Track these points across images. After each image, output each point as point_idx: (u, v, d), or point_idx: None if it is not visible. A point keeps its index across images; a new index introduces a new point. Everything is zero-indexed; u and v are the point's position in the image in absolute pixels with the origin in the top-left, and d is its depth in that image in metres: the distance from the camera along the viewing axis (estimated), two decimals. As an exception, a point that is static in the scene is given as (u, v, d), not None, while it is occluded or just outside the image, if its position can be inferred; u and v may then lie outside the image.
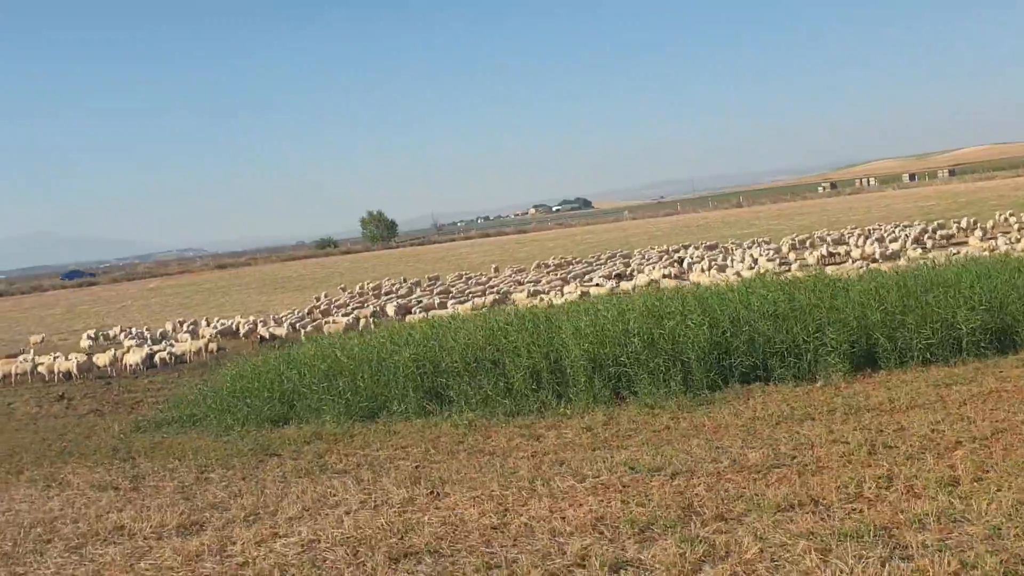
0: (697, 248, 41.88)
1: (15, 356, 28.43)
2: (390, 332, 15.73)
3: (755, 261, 29.36)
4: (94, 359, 24.85)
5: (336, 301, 37.30)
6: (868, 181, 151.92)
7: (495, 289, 32.55)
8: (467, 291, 34.51)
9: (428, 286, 40.52)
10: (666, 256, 40.19)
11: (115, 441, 14.02)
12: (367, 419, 13.02)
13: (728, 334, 12.69)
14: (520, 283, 35.22)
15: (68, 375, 24.41)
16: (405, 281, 45.24)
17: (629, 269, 34.81)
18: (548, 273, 39.52)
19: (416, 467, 9.54)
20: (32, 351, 28.22)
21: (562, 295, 25.99)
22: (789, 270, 24.67)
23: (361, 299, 38.66)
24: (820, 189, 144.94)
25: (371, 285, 43.84)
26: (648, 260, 39.41)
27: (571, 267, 41.54)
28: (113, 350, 25.20)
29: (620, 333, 12.87)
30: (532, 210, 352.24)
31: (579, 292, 26.48)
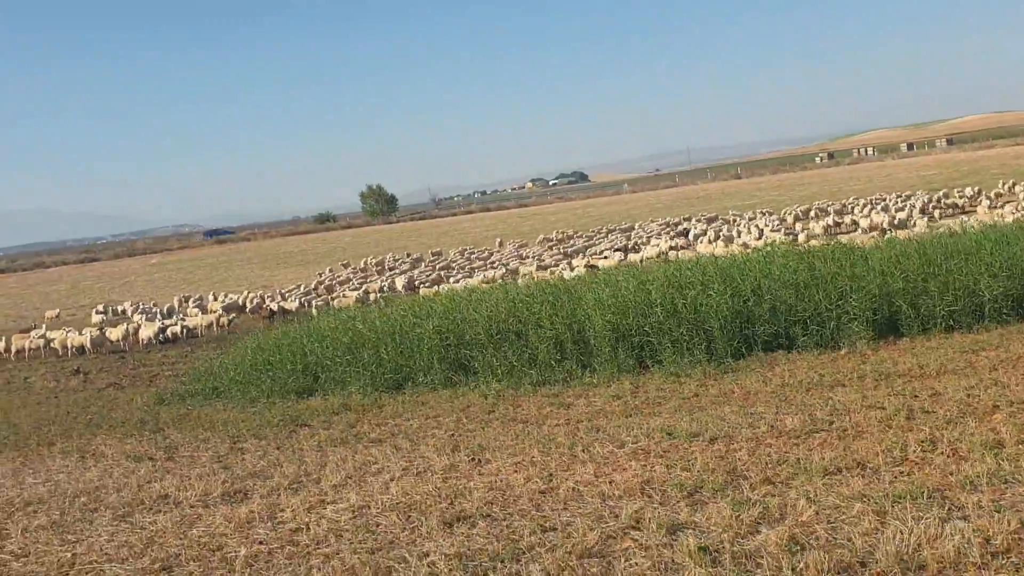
0: (699, 220, 41.91)
1: (27, 331, 28.50)
2: (411, 304, 15.81)
3: (760, 232, 29.40)
4: (106, 334, 24.94)
5: (339, 277, 37.34)
6: (867, 151, 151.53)
7: (499, 264, 32.64)
8: (468, 267, 34.61)
9: (431, 261, 40.55)
10: (668, 228, 40.22)
11: (140, 413, 14.14)
12: (392, 390, 13.14)
13: (750, 303, 12.78)
14: (523, 258, 35.26)
15: (81, 349, 24.51)
16: (409, 256, 45.31)
17: (631, 242, 34.84)
18: (551, 247, 39.55)
19: (451, 435, 9.64)
20: (45, 326, 28.27)
21: (571, 269, 26.05)
22: (795, 240, 24.72)
23: (364, 274, 38.73)
24: (818, 159, 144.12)
25: (374, 260, 43.90)
26: (649, 232, 39.45)
27: (572, 241, 41.53)
28: (126, 325, 25.28)
29: (642, 303, 12.95)
30: (529, 184, 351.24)
31: (586, 265, 26.58)
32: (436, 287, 25.99)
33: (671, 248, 28.74)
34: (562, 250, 36.33)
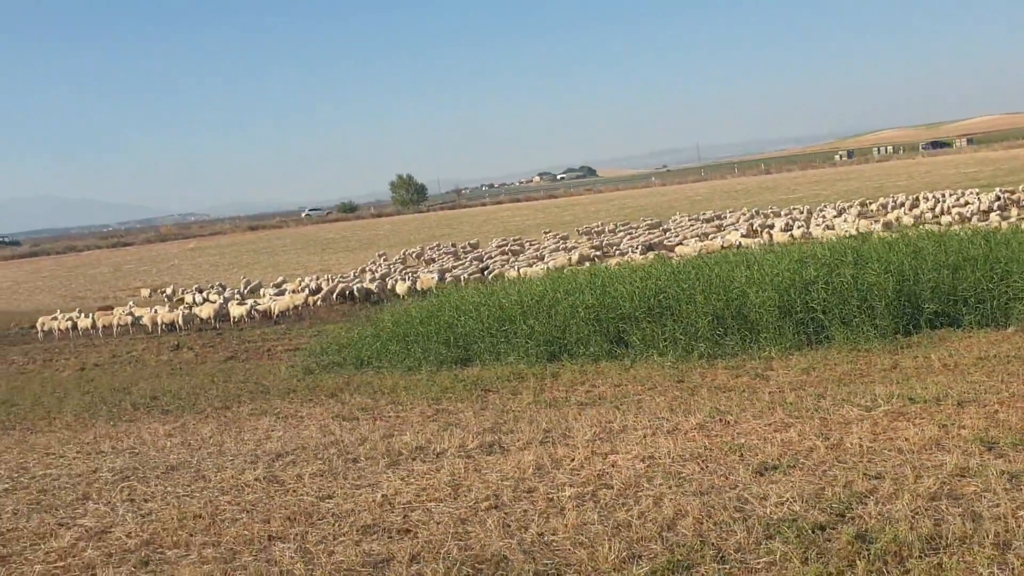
0: (733, 212, 41.98)
1: (109, 309, 28.85)
2: (552, 280, 16.06)
3: (831, 224, 29.57)
4: (196, 311, 25.24)
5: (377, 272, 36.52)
6: (886, 149, 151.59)
7: (546, 252, 32.71)
8: (534, 253, 34.66)
9: (465, 253, 40.01)
10: (712, 220, 40.23)
11: (294, 382, 14.41)
12: (548, 361, 13.39)
13: (910, 282, 13.02)
14: (568, 249, 34.81)
15: (172, 326, 24.83)
16: (454, 247, 45.14)
17: (661, 238, 34.28)
18: (596, 237, 39.38)
19: (671, 400, 9.89)
20: (131, 304, 28.59)
21: (644, 255, 26.24)
22: (890, 228, 24.93)
23: (404, 267, 38.00)
24: (837, 157, 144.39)
25: (411, 252, 42.82)
26: (680, 226, 39.27)
27: (609, 234, 40.63)
28: (217, 303, 25.57)
29: (803, 280, 13.21)
30: (537, 178, 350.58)
31: (660, 251, 26.79)
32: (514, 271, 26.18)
33: (743, 237, 28.95)
34: (604, 241, 36.14)
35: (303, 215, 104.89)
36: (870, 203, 37.52)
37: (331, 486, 7.74)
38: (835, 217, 31.67)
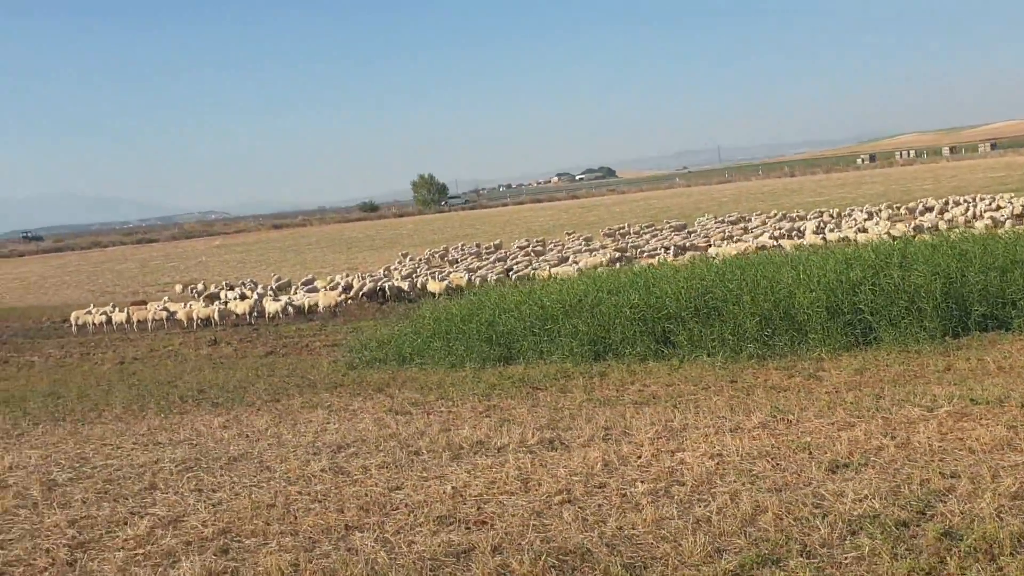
0: (760, 215, 41.69)
1: (141, 303, 29.13)
2: (593, 279, 16.08)
3: (863, 227, 29.41)
4: (231, 307, 25.44)
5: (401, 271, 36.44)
6: (908, 153, 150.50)
7: (572, 253, 32.60)
8: (560, 253, 34.57)
9: (487, 252, 40.03)
10: (737, 223, 39.94)
11: (338, 376, 14.50)
12: (594, 360, 13.42)
13: (957, 284, 12.96)
14: (592, 250, 34.62)
15: (207, 321, 25.02)
16: (478, 247, 45.02)
17: (685, 240, 34.11)
18: (621, 238, 39.21)
19: (728, 399, 9.89)
20: (166, 299, 28.83)
21: (680, 254, 26.19)
22: (923, 231, 24.78)
23: (429, 267, 37.94)
24: (859, 161, 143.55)
25: (436, 251, 42.74)
26: (706, 228, 39.03)
27: (635, 236, 40.25)
28: (252, 299, 25.75)
29: (850, 282, 13.18)
30: (555, 178, 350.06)
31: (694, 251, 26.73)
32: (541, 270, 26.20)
33: (771, 239, 28.83)
34: (632, 243, 35.95)
35: (443, 203, 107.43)
36: (899, 207, 37.30)
37: (398, 477, 7.82)
38: (866, 220, 31.49)
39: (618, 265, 24.48)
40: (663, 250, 28.61)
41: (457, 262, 38.58)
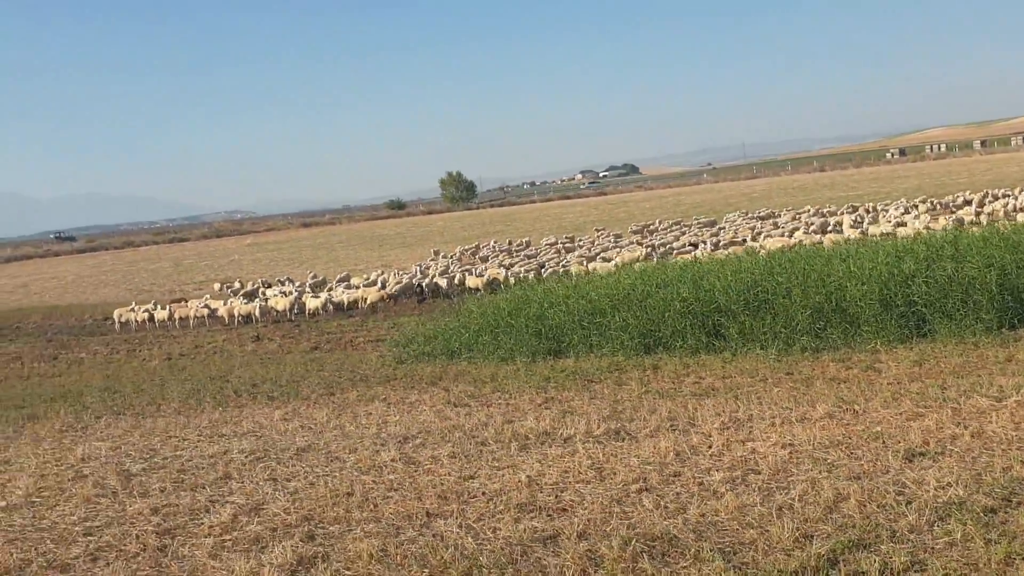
0: (790, 210, 41.24)
1: (181, 301, 29.50)
2: (640, 273, 16.11)
3: (902, 221, 29.13)
4: (272, 303, 25.71)
5: (434, 268, 36.48)
6: (939, 147, 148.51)
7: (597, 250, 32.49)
8: (591, 251, 34.44)
9: (517, 249, 39.87)
10: (764, 220, 39.51)
11: (389, 370, 14.64)
12: (645, 354, 13.45)
13: (1012, 276, 12.86)
14: (617, 248, 34.29)
15: (247, 318, 25.30)
16: (510, 243, 44.88)
17: (716, 238, 33.64)
18: (649, 235, 38.93)
19: (790, 392, 9.90)
20: (207, 296, 29.17)
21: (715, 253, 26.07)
22: (962, 226, 24.53)
23: (461, 264, 37.84)
24: (888, 155, 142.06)
25: (468, 248, 42.65)
26: (735, 224, 38.54)
27: (663, 233, 39.79)
28: (293, 295, 26.00)
29: (902, 274, 13.13)
30: (579, 175, 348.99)
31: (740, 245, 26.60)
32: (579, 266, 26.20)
33: (804, 235, 28.61)
34: (660, 240, 35.52)
35: (582, 187, 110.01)
36: (935, 201, 36.91)
37: (470, 467, 7.92)
38: (903, 215, 31.21)
39: (654, 260, 24.45)
40: (692, 246, 28.50)
41: (488, 259, 38.63)
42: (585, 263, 26.05)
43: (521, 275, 26.06)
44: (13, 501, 8.31)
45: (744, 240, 29.23)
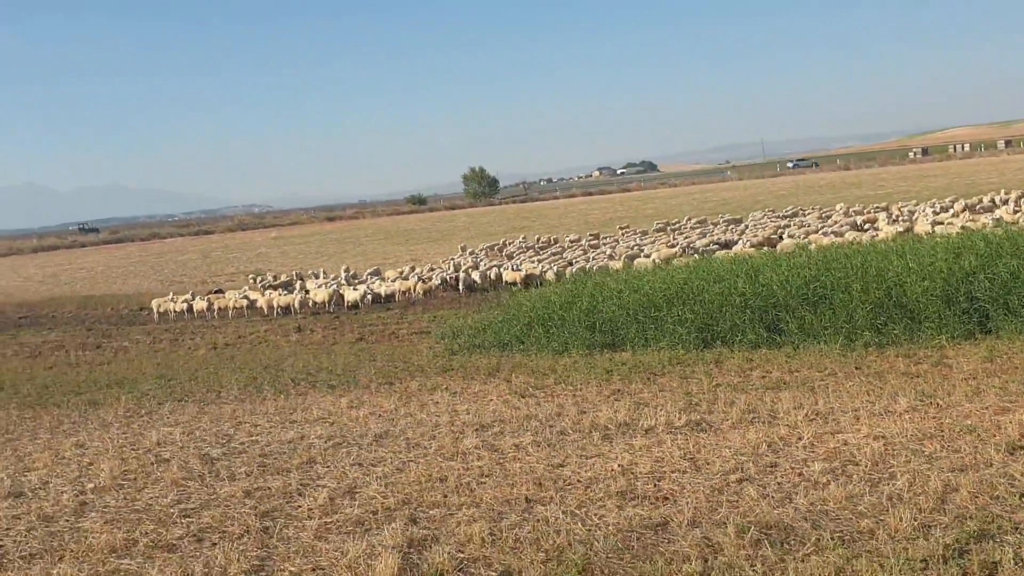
0: (816, 208, 40.85)
1: (218, 293, 29.67)
2: (695, 267, 16.08)
3: (936, 220, 28.89)
4: (311, 295, 25.82)
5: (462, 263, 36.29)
6: (963, 147, 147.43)
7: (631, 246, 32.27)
8: (634, 246, 34.25)
9: (542, 246, 39.60)
10: (791, 218, 39.12)
11: (443, 361, 14.65)
12: (703, 348, 13.39)
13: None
14: (641, 246, 33.70)
15: (286, 309, 25.41)
16: (538, 239, 44.63)
17: (737, 236, 33.27)
18: (673, 234, 38.55)
19: (865, 386, 9.87)
20: (246, 288, 29.34)
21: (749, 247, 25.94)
22: (1001, 225, 24.31)
23: (488, 259, 37.54)
24: (911, 155, 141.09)
25: (495, 245, 42.26)
26: (760, 223, 38.08)
27: (689, 231, 39.21)
28: (332, 287, 26.11)
29: (962, 271, 13.04)
30: (596, 172, 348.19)
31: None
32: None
33: (848, 231, 28.44)
34: (685, 238, 35.17)
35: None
36: (971, 200, 36.59)
37: (557, 455, 7.95)
38: (939, 212, 30.99)
39: (696, 256, 24.36)
40: (717, 245, 28.35)
41: (513, 256, 38.44)
42: (621, 259, 25.96)
43: (554, 271, 26.01)
44: (101, 483, 8.42)
45: (781, 237, 29.10)
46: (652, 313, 14.35)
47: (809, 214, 39.93)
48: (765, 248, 24.46)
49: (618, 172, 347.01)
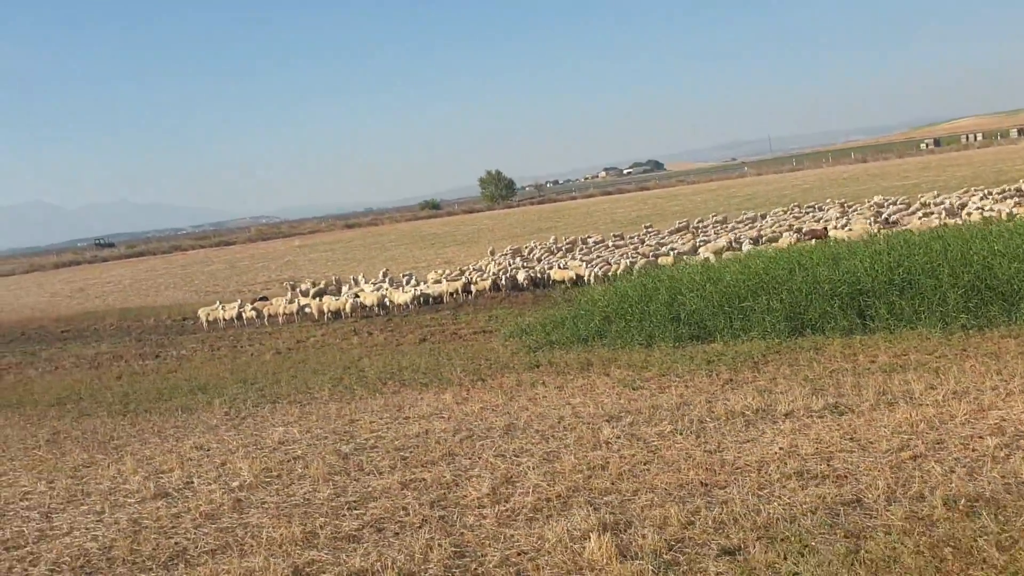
0: (840, 201, 40.59)
1: (264, 300, 29.75)
2: (775, 256, 16.06)
3: (980, 207, 28.81)
4: (361, 299, 25.88)
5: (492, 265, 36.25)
6: (976, 136, 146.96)
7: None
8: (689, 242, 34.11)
9: (568, 247, 39.31)
10: (807, 211, 38.77)
11: (526, 358, 14.62)
12: (794, 336, 13.33)
13: None
14: (662, 245, 33.33)
15: (336, 314, 25.48)
16: (566, 240, 44.45)
17: (758, 230, 33.04)
18: (693, 233, 38.25)
19: (987, 367, 9.85)
20: (298, 292, 29.44)
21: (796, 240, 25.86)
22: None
23: (525, 262, 37.22)
24: (923, 146, 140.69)
25: (526, 247, 42.02)
26: (781, 221, 37.75)
27: (715, 227, 38.88)
28: (382, 291, 26.17)
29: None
30: (603, 173, 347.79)
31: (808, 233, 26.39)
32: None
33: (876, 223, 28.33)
34: (700, 239, 34.93)
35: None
36: (1009, 187, 36.45)
37: (707, 442, 7.96)
38: (982, 199, 30.88)
39: (745, 249, 24.30)
40: (784, 235, 28.27)
41: (541, 258, 38.23)
42: (675, 254, 25.89)
43: (598, 273, 25.87)
44: (246, 481, 8.46)
45: (826, 229, 29.03)
46: (738, 303, 14.33)
47: (829, 209, 39.64)
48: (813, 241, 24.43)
49: (624, 172, 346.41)
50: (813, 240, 25.02)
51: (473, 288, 25.47)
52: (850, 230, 26.56)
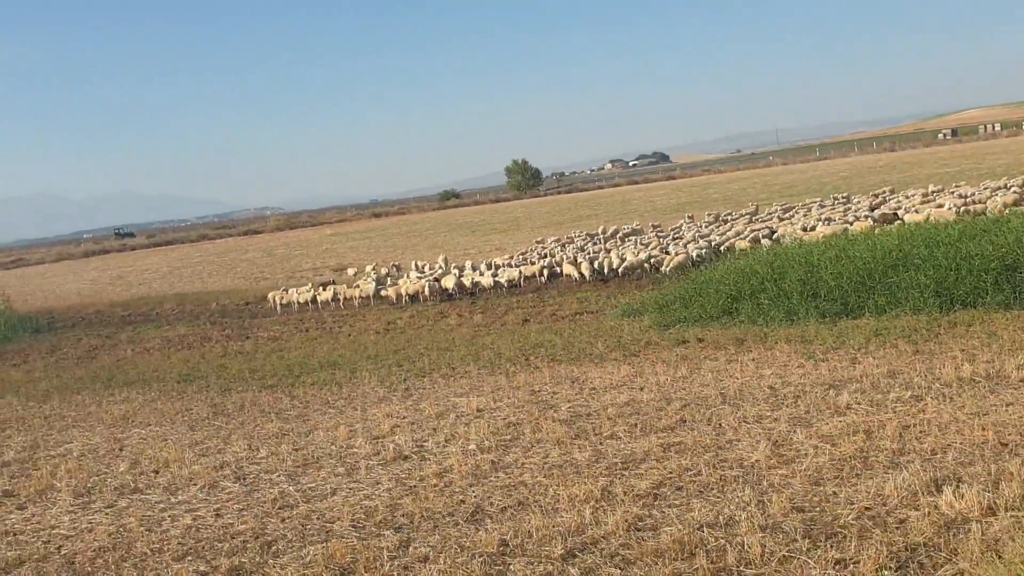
0: (880, 190, 40.16)
1: (327, 284, 29.66)
2: (909, 234, 15.96)
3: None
4: (442, 281, 25.85)
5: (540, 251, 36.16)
6: (993, 126, 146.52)
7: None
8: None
9: (596, 239, 39.14)
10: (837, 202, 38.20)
11: (661, 336, 14.47)
12: (946, 311, 13.11)
13: None
14: (702, 236, 32.84)
15: (414, 297, 25.42)
16: (604, 232, 44.12)
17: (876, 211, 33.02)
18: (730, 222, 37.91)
19: None
20: (373, 276, 29.42)
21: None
22: None
23: (578, 248, 37.05)
24: (940, 136, 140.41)
25: (577, 234, 42.03)
26: (860, 203, 37.42)
27: (764, 218, 38.54)
28: (459, 274, 26.15)
29: None
30: (608, 165, 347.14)
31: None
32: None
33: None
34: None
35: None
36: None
37: (967, 406, 7.84)
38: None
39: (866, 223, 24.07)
40: (861, 218, 28.08)
41: (584, 248, 38.02)
42: (763, 236, 25.66)
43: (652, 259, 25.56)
44: (484, 444, 8.39)
45: (895, 213, 28.87)
46: (879, 279, 14.22)
47: (860, 201, 38.97)
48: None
49: (630, 164, 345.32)
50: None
51: (561, 270, 25.35)
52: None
